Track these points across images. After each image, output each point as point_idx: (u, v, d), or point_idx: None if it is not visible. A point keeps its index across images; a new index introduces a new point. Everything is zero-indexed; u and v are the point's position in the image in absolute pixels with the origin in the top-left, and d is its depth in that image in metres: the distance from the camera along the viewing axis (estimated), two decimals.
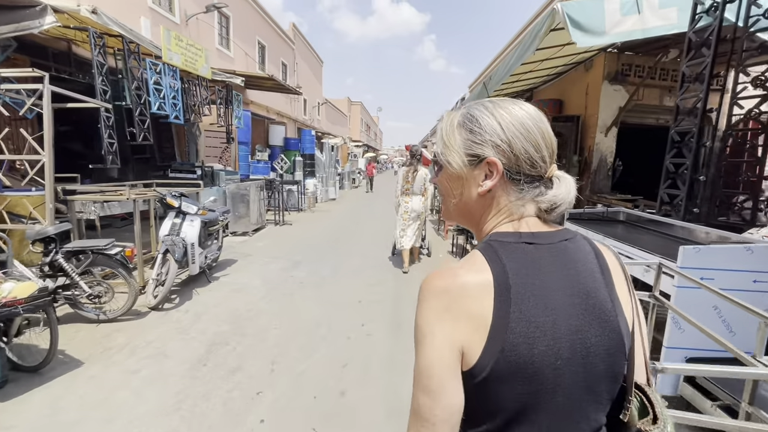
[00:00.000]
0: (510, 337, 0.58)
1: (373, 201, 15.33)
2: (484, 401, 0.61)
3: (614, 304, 0.65)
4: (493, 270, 0.62)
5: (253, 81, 12.95)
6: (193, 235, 4.23)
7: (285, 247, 6.72)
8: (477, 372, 0.59)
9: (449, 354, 0.60)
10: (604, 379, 0.64)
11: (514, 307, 0.59)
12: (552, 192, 0.68)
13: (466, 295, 0.61)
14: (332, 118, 32.30)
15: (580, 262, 0.66)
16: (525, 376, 0.59)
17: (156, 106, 5.58)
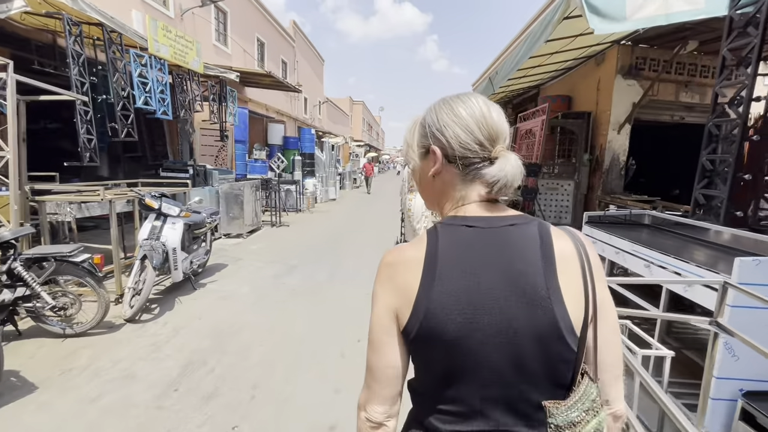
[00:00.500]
0: (431, 306, 0.66)
1: (373, 202, 14.97)
2: (417, 360, 0.73)
3: (550, 291, 0.66)
4: (428, 248, 0.70)
5: (251, 78, 12.62)
6: (175, 239, 3.88)
7: (280, 251, 6.36)
8: (407, 334, 0.69)
9: (386, 317, 0.71)
10: (537, 362, 0.66)
11: (437, 281, 0.67)
12: (492, 170, 0.72)
13: (401, 269, 0.71)
14: (334, 118, 31.96)
15: (517, 247, 0.69)
16: (445, 343, 0.66)
17: (141, 100, 5.23)
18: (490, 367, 0.65)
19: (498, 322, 0.65)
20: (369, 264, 5.61)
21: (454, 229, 0.71)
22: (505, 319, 0.65)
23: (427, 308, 0.65)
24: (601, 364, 0.71)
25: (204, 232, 4.69)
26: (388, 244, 6.94)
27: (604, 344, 0.71)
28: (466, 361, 0.66)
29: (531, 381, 0.66)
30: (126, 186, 5.21)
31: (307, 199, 12.00)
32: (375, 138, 57.91)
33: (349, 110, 40.33)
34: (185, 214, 4.03)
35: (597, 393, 0.69)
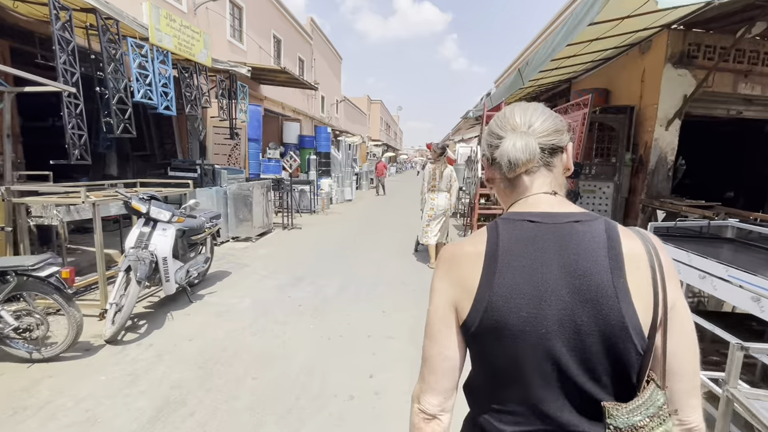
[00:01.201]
0: (493, 299, 0.66)
1: (390, 203, 14.42)
2: (475, 356, 0.74)
3: (617, 290, 0.64)
4: (488, 243, 0.71)
5: (266, 75, 12.26)
6: (165, 248, 3.43)
7: (288, 257, 5.89)
8: (467, 327, 0.70)
9: (445, 309, 0.73)
10: (601, 362, 0.64)
11: (499, 275, 0.67)
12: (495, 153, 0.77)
13: (460, 263, 0.73)
14: (351, 117, 31.59)
15: (582, 244, 0.67)
16: (508, 337, 0.66)
17: (141, 94, 4.84)
18: (552, 363, 0.65)
19: (561, 318, 0.64)
20: (385, 276, 5.06)
21: (516, 224, 0.71)
22: (569, 315, 0.64)
23: (489, 301, 0.67)
24: (672, 374, 0.67)
25: (203, 238, 4.24)
26: (407, 251, 6.38)
27: (676, 352, 0.67)
28: (528, 356, 0.65)
29: (594, 380, 0.65)
30: (123, 186, 4.82)
31: (322, 200, 11.56)
32: (393, 138, 57.37)
33: (367, 109, 39.91)
34: (178, 219, 3.58)
35: (665, 401, 0.65)
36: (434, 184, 5.54)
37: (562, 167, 0.79)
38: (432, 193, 5.58)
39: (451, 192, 5.57)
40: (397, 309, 3.91)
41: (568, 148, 0.79)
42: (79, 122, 4.03)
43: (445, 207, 5.52)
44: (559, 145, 0.76)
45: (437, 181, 5.50)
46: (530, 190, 0.75)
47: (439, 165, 5.52)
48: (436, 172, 5.52)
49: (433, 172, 5.56)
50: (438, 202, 5.51)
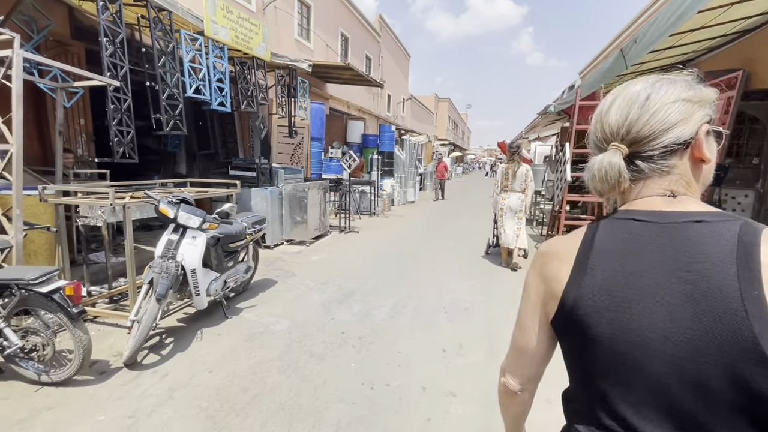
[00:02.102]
0: (578, 299, 0.63)
1: (457, 205, 13.41)
2: (566, 359, 0.70)
3: (746, 302, 0.53)
4: (583, 240, 0.67)
5: (331, 73, 12.03)
6: (194, 258, 3.01)
7: (340, 266, 5.34)
8: (554, 324, 0.70)
9: (534, 304, 0.74)
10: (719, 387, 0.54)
11: (589, 274, 0.63)
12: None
13: (552, 260, 0.71)
14: (417, 116, 30.84)
15: (701, 246, 0.58)
16: (593, 340, 0.61)
17: (193, 89, 4.61)
18: (650, 378, 0.58)
19: (663, 328, 0.57)
20: (447, 299, 4.24)
21: (619, 223, 0.67)
22: (676, 326, 0.57)
23: (574, 300, 0.64)
24: None
25: (243, 245, 3.82)
26: (473, 267, 5.49)
27: None
28: (618, 365, 0.60)
29: (710, 405, 0.55)
30: (173, 186, 4.63)
31: (383, 202, 10.99)
32: (460, 137, 55.46)
33: (435, 108, 38.83)
34: (210, 225, 3.15)
35: None
36: (507, 184, 5.33)
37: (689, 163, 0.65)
38: (505, 193, 5.38)
39: (526, 193, 5.29)
40: (460, 348, 3.09)
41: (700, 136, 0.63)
42: (126, 118, 3.83)
43: (519, 208, 5.27)
44: (676, 143, 0.64)
45: (510, 181, 5.29)
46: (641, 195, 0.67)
47: (513, 164, 5.27)
48: (509, 172, 5.29)
49: (506, 171, 5.34)
50: (509, 202, 5.30)
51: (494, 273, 5.24)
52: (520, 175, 5.24)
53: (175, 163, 8.32)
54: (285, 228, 6.60)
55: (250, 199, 6.23)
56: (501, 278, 5.02)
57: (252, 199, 6.22)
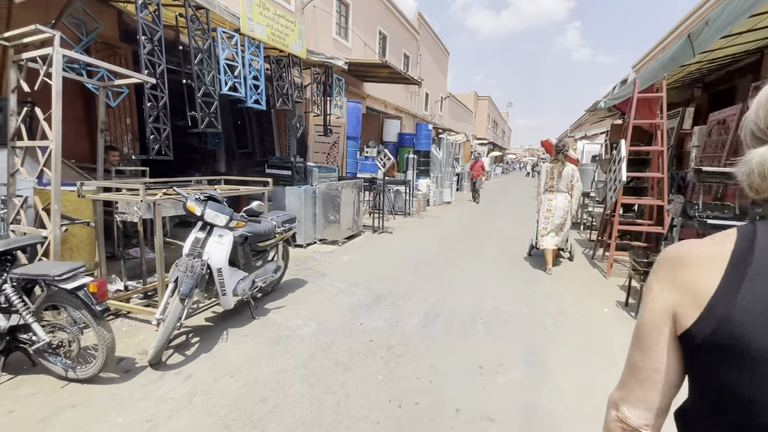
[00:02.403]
0: (734, 311, 0.54)
1: (492, 207, 12.86)
2: (698, 373, 0.61)
3: None
4: (737, 243, 0.58)
5: (368, 71, 11.92)
6: (220, 257, 2.93)
7: (372, 267, 5.16)
8: (691, 337, 0.59)
9: (661, 315, 0.63)
10: None
11: (749, 282, 0.54)
12: None
13: (687, 265, 0.61)
14: (456, 114, 30.19)
15: None
16: (750, 360, 0.52)
17: (228, 86, 4.61)
18: None
19: None
20: (485, 307, 3.93)
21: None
22: None
23: (727, 312, 0.55)
24: None
25: (272, 244, 3.73)
26: (513, 271, 5.10)
27: None
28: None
29: None
30: (207, 183, 4.65)
31: (418, 202, 10.72)
32: (500, 136, 53.81)
33: (474, 106, 37.88)
34: (237, 224, 3.07)
35: None
36: (552, 184, 5.14)
37: None
38: (549, 193, 5.17)
39: (573, 193, 5.09)
40: (500, 365, 2.79)
41: None
42: (162, 116, 3.87)
43: (565, 209, 5.09)
44: None
45: (555, 180, 5.09)
46: None
47: (558, 164, 5.09)
48: (554, 171, 5.11)
49: (551, 170, 5.15)
50: (556, 203, 5.10)
51: (538, 281, 4.84)
52: (566, 174, 5.04)
53: (215, 161, 8.54)
54: (318, 227, 6.53)
55: (284, 197, 6.21)
56: (546, 286, 4.61)
57: (286, 197, 6.20)
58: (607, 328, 3.51)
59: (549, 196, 5.18)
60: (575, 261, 5.89)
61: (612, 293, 4.48)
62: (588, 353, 3.02)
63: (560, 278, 4.97)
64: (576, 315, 3.78)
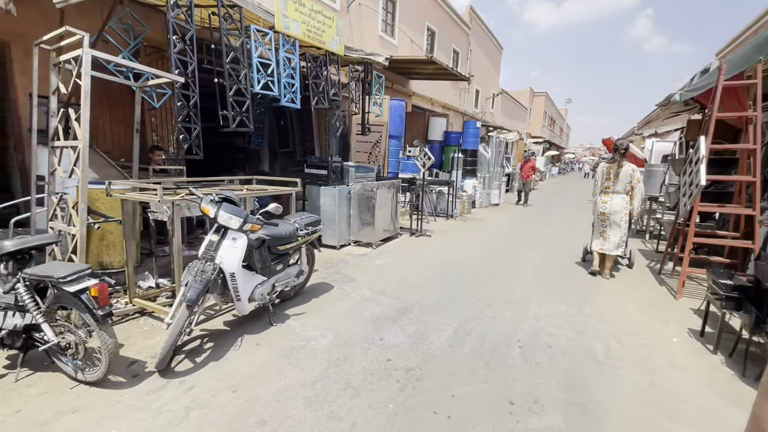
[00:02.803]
0: None
1: (543, 210, 11.93)
2: None
3: None
4: None
5: (413, 68, 11.59)
6: (234, 261, 2.81)
7: (404, 273, 4.86)
8: None
9: None
10: None
11: None
12: None
13: None
14: (509, 112, 28.81)
15: None
16: None
17: (261, 84, 4.55)
18: None
19: None
20: (524, 328, 3.47)
21: None
22: None
23: None
24: None
25: (294, 247, 3.58)
26: (568, 283, 4.54)
27: None
28: None
29: None
30: (239, 183, 4.63)
31: (462, 204, 10.21)
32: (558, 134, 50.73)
33: (529, 103, 35.98)
34: (252, 227, 2.93)
35: None
36: (608, 185, 4.86)
37: None
38: (605, 195, 4.91)
39: (634, 195, 4.78)
40: (534, 402, 2.38)
41: None
42: (193, 115, 3.87)
43: (623, 211, 4.78)
44: None
45: (612, 181, 4.82)
46: None
47: (615, 164, 4.80)
48: (611, 172, 4.82)
49: (607, 171, 4.87)
50: (612, 205, 4.82)
51: (591, 297, 4.25)
52: (623, 175, 4.74)
53: (259, 161, 8.71)
54: (353, 228, 6.36)
55: (319, 197, 6.11)
56: (600, 305, 4.03)
57: (321, 197, 6.09)
58: (675, 363, 2.92)
59: (604, 198, 4.91)
60: (638, 275, 5.16)
61: (683, 318, 3.79)
62: (648, 395, 2.49)
63: (618, 295, 4.33)
64: (636, 344, 3.21)
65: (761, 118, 4.08)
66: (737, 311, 3.01)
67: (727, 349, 3.10)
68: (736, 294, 2.99)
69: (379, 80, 7.14)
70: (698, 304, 4.03)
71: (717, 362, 2.97)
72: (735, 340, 3.04)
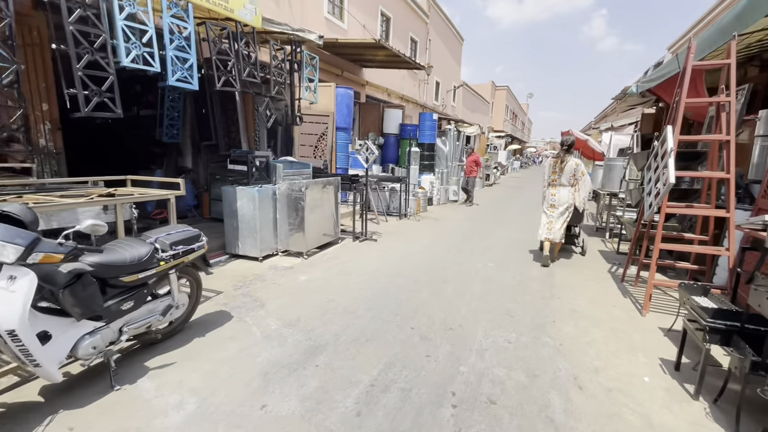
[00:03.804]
0: None
1: (503, 207, 11.43)
2: None
3: None
4: None
5: (363, 54, 10.65)
6: (11, 314, 1.80)
7: (329, 293, 3.98)
8: None
9: None
10: None
11: None
12: None
13: None
14: (471, 105, 28.52)
15: None
16: None
17: (130, 57, 3.47)
18: None
19: None
20: (470, 371, 2.68)
21: None
22: None
23: None
24: None
25: (154, 275, 2.59)
26: (524, 298, 3.79)
27: None
28: None
29: None
30: (103, 185, 3.56)
31: (417, 201, 9.45)
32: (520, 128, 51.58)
33: (491, 97, 36.01)
34: (46, 257, 1.92)
35: None
36: (555, 178, 5.21)
37: None
38: (552, 188, 5.26)
39: (579, 187, 5.12)
40: None
41: None
42: None
43: (569, 202, 5.14)
44: None
45: (558, 175, 5.17)
46: None
47: (559, 159, 5.16)
48: (557, 166, 5.17)
49: (554, 165, 5.21)
50: (558, 197, 5.18)
51: (549, 321, 3.55)
52: (568, 169, 5.08)
53: (180, 155, 7.50)
54: (280, 235, 5.39)
55: (235, 200, 5.09)
56: (558, 332, 3.33)
57: (237, 200, 5.07)
58: (650, 419, 2.23)
59: (552, 191, 5.25)
60: (600, 283, 4.57)
61: (653, 344, 3.15)
62: None
63: (580, 316, 3.67)
64: (601, 390, 2.50)
65: (735, 104, 3.51)
66: (724, 346, 2.36)
67: (711, 389, 2.46)
68: (722, 325, 2.34)
69: (312, 62, 6.16)
70: (668, 322, 3.43)
71: (700, 413, 2.31)
72: (723, 382, 2.39)
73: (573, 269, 5.19)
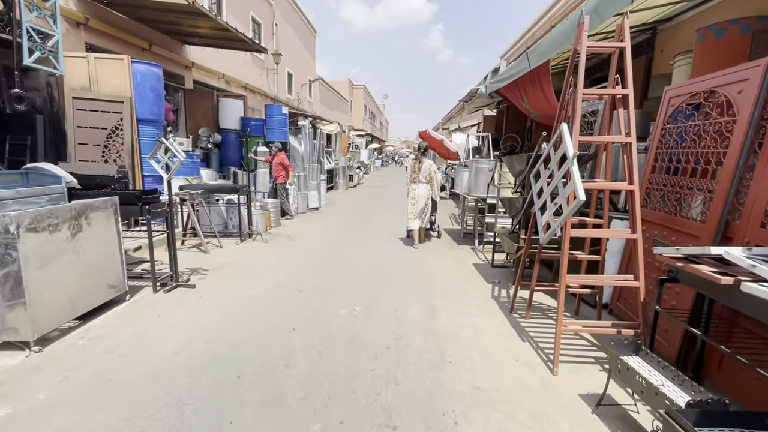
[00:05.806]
0: None
1: (371, 213, 10.41)
2: None
3: None
4: None
5: (181, 25, 8.05)
6: None
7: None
8: None
9: None
10: None
11: None
12: None
13: None
14: (330, 102, 27.34)
15: None
16: None
17: None
18: None
19: None
20: None
21: None
22: None
23: None
24: None
25: None
26: (415, 376, 2.40)
27: None
28: None
29: None
30: None
31: (265, 215, 7.49)
32: (378, 128, 53.25)
33: (349, 95, 35.63)
34: None
35: None
36: (415, 176, 6.35)
37: None
38: (413, 184, 6.33)
39: (432, 183, 6.36)
40: None
41: None
42: None
43: (426, 196, 6.27)
44: None
45: (417, 173, 6.34)
46: None
47: (418, 160, 6.40)
48: (416, 166, 6.37)
49: (413, 165, 6.41)
50: (419, 192, 6.26)
51: (450, 428, 2.26)
52: (424, 169, 6.30)
53: None
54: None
55: None
56: None
57: None
58: None
59: (413, 186, 6.33)
60: (493, 328, 3.59)
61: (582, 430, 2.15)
62: None
63: (486, 399, 2.50)
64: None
65: (632, 96, 2.83)
66: None
67: None
68: None
69: (46, 4, 3.65)
70: (583, 377, 2.54)
71: None
72: None
73: (453, 298, 4.19)
